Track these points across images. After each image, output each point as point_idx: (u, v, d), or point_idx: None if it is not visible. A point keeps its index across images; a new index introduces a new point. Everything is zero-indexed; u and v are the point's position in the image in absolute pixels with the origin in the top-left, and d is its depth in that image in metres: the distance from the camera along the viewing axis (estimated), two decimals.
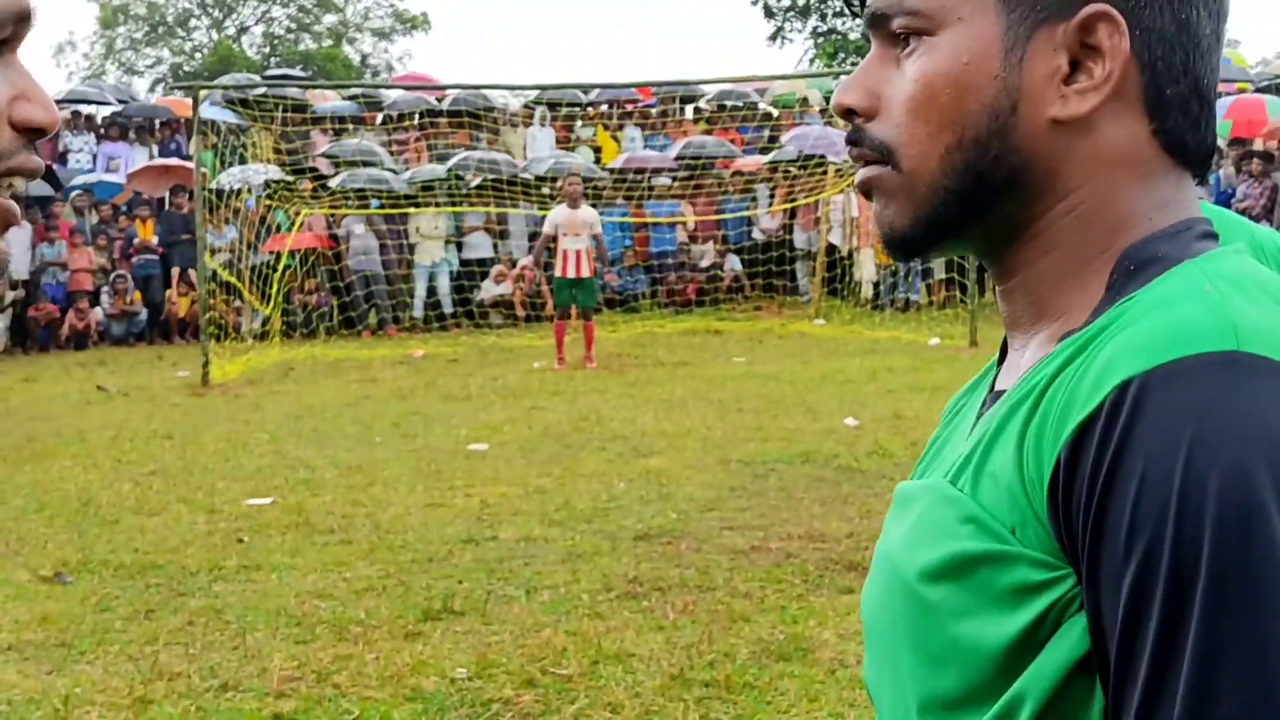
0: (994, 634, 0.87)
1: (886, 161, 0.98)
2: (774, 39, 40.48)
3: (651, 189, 20.65)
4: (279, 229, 18.59)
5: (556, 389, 12.63)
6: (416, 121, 22.15)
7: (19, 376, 15.13)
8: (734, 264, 20.83)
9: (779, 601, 5.47)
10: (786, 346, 16.08)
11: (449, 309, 19.51)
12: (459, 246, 20.01)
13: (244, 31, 49.15)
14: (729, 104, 23.15)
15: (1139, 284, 0.92)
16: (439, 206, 19.57)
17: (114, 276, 18.76)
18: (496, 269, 19.68)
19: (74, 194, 19.81)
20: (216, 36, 48.02)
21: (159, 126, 22.68)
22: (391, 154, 21.25)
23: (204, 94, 16.95)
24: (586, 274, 14.30)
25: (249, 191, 18.75)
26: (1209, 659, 0.78)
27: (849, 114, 1.01)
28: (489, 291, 19.57)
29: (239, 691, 4.65)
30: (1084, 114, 0.94)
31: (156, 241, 19.53)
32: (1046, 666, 0.86)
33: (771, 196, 20.78)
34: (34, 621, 5.49)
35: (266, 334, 17.33)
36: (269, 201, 18.53)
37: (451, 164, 20.08)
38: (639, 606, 5.48)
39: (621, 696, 4.46)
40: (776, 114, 22.75)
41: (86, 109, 22.73)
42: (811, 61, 39.42)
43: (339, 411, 11.52)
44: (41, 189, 19.28)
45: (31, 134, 0.89)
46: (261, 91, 20.96)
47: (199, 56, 46.79)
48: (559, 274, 14.34)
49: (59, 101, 22.62)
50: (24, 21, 0.89)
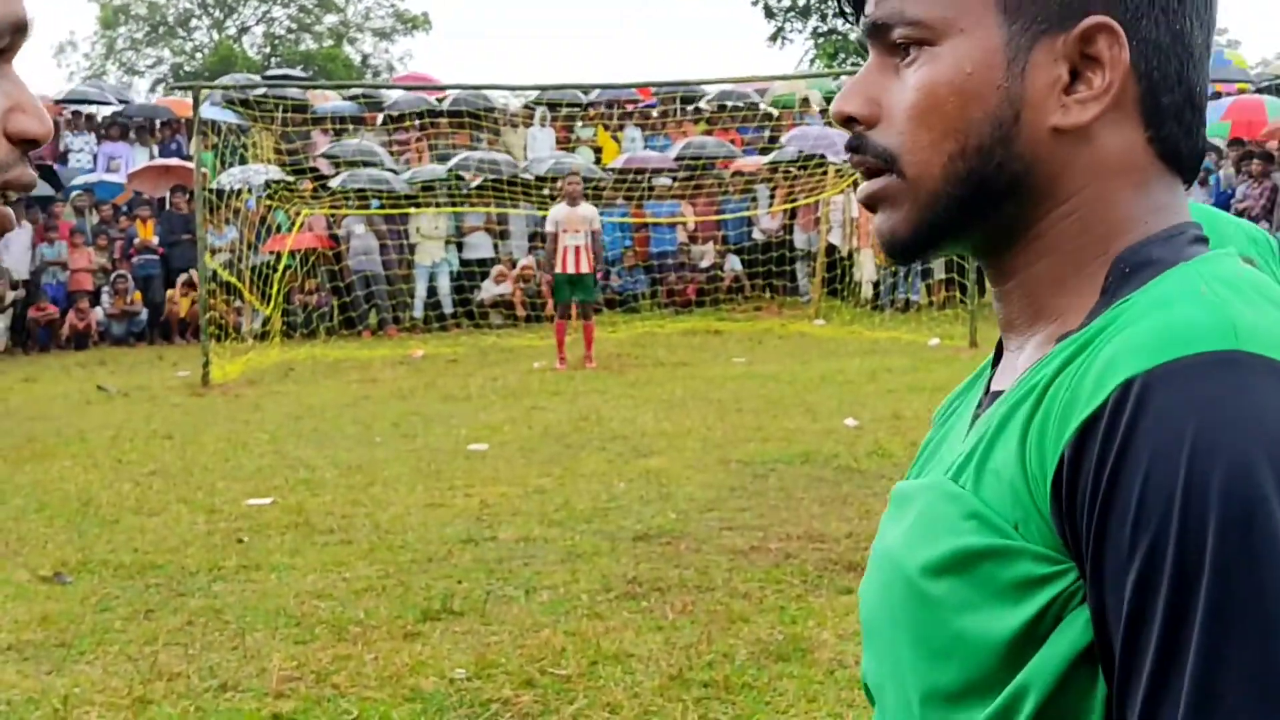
0: (997, 627, 0.89)
1: (890, 169, 0.99)
2: (774, 39, 40.56)
3: (652, 189, 20.65)
4: (279, 229, 18.58)
5: (556, 389, 12.64)
6: (417, 122, 22.15)
7: (19, 376, 15.14)
8: (734, 264, 20.84)
9: (778, 602, 5.47)
10: (786, 347, 16.08)
11: (449, 309, 19.51)
12: (459, 247, 20.01)
13: (245, 31, 49.20)
14: (729, 104, 23.16)
15: (1134, 286, 0.93)
16: (439, 207, 19.57)
17: (114, 276, 18.76)
18: (497, 269, 19.69)
19: (74, 194, 19.80)
20: (217, 36, 48.06)
21: (159, 126, 22.69)
22: (392, 154, 21.25)
23: (204, 94, 16.95)
24: (586, 270, 14.33)
25: (249, 192, 18.75)
26: (1213, 653, 0.79)
27: (849, 121, 1.01)
28: (489, 292, 19.57)
29: (238, 691, 4.66)
30: (1085, 123, 0.95)
31: (157, 241, 19.52)
32: (1049, 659, 0.87)
33: (771, 197, 20.78)
34: (33, 621, 5.49)
35: (267, 334, 17.33)
36: (269, 201, 18.53)
37: (452, 164, 20.08)
38: (638, 607, 5.48)
39: (620, 697, 4.46)
40: (777, 114, 22.75)
41: (87, 109, 22.71)
42: (812, 62, 39.46)
43: (339, 412, 11.52)
44: (42, 189, 19.29)
45: (25, 145, 0.90)
46: (262, 92, 20.96)
47: (200, 57, 46.81)
48: (559, 270, 14.37)
49: (59, 101, 22.64)
50: (20, 32, 0.89)
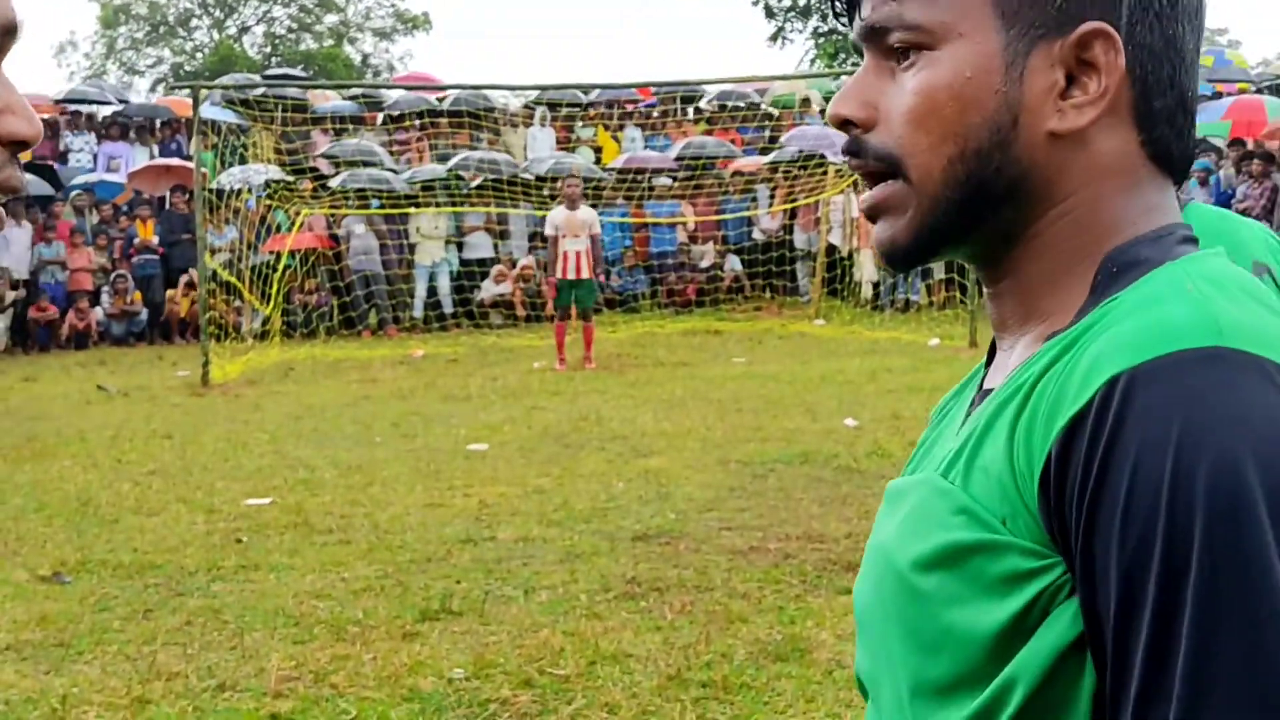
0: (985, 621, 0.90)
1: (893, 174, 1.00)
2: (775, 39, 40.58)
3: (652, 189, 20.64)
4: (279, 229, 18.58)
5: (556, 389, 12.64)
6: (417, 122, 22.14)
7: (19, 376, 15.14)
8: (734, 264, 20.83)
9: (777, 602, 5.47)
10: (786, 347, 16.08)
11: (449, 309, 19.49)
12: (459, 246, 20.00)
13: (245, 31, 49.19)
14: (729, 104, 23.16)
15: (1122, 285, 0.94)
16: (439, 206, 19.57)
17: (114, 276, 18.75)
18: (497, 269, 19.68)
19: (74, 194, 19.79)
20: (218, 36, 48.06)
21: (159, 126, 22.68)
22: (392, 154, 21.24)
23: (204, 94, 16.94)
24: (586, 274, 14.30)
25: (249, 191, 18.75)
26: (1203, 646, 0.80)
27: (845, 125, 1.02)
28: (489, 291, 19.57)
29: (236, 691, 4.66)
30: (1081, 127, 0.97)
31: (157, 241, 19.51)
32: (1037, 651, 0.88)
33: (772, 197, 20.77)
34: (32, 621, 5.49)
35: (266, 334, 17.33)
36: (269, 201, 18.53)
37: (452, 164, 20.07)
38: (637, 607, 5.48)
39: (618, 697, 4.46)
40: (777, 114, 22.75)
41: (87, 109, 22.71)
42: (812, 62, 39.46)
43: (339, 411, 11.52)
44: (42, 188, 19.30)
45: (14, 146, 0.89)
46: (261, 91, 20.95)
47: (200, 56, 46.80)
48: (559, 275, 14.33)
49: (59, 101, 22.64)
50: (10, 34, 0.89)
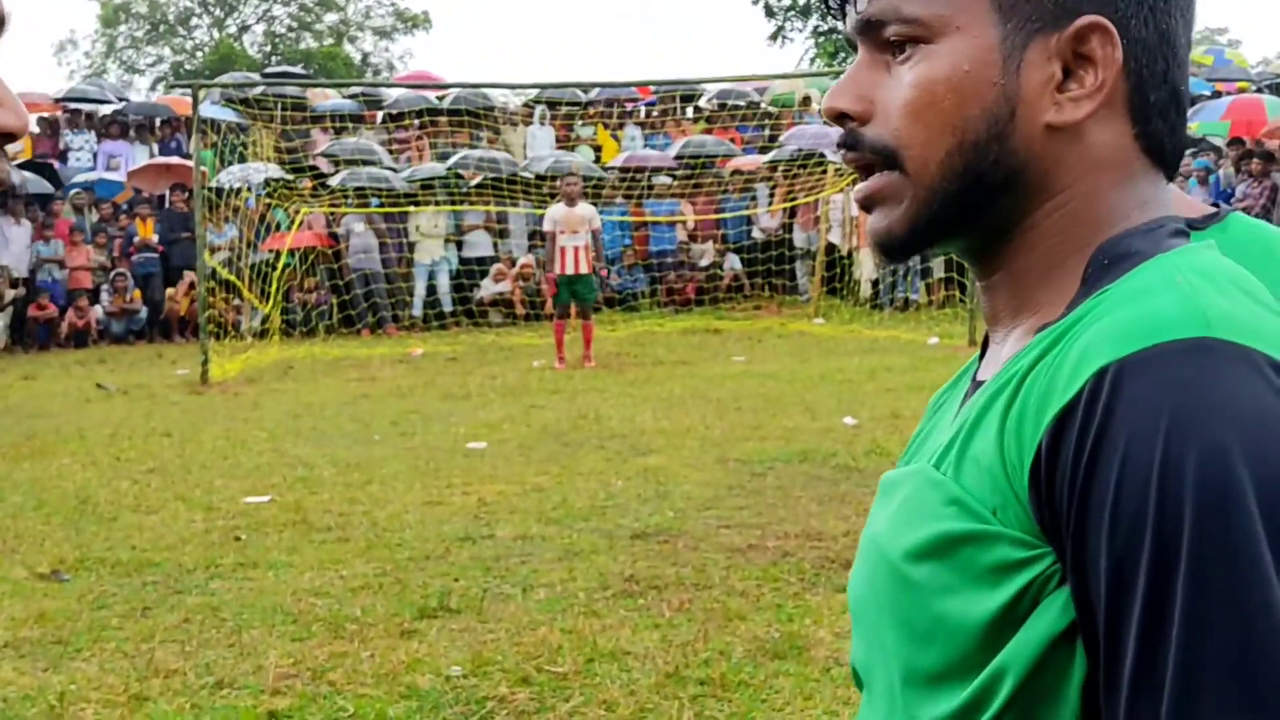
0: (976, 610, 0.90)
1: (890, 165, 1.00)
2: (774, 38, 40.57)
3: (651, 188, 20.64)
4: (278, 227, 18.59)
5: (555, 387, 12.63)
6: (416, 121, 22.14)
7: (18, 374, 15.14)
8: (733, 263, 20.83)
9: (775, 600, 5.47)
10: (785, 345, 16.08)
11: (448, 307, 19.49)
12: (459, 245, 20.00)
13: (245, 30, 49.20)
14: (729, 103, 23.16)
15: (1113, 278, 0.95)
16: (439, 205, 19.57)
17: (114, 274, 18.75)
18: (496, 267, 19.68)
19: (73, 192, 19.79)
20: (218, 35, 48.06)
21: (159, 125, 22.67)
22: (391, 153, 21.23)
23: (204, 92, 16.94)
24: (585, 270, 14.28)
25: (249, 190, 18.74)
26: (1195, 633, 0.81)
27: (841, 118, 1.02)
28: (488, 290, 19.57)
29: (234, 689, 4.66)
30: (1078, 120, 0.97)
31: (156, 240, 19.51)
32: (1027, 641, 0.88)
33: (771, 196, 20.78)
34: (30, 619, 5.49)
35: (266, 332, 17.34)
36: (269, 200, 18.53)
37: (451, 162, 20.07)
38: (635, 605, 5.48)
39: (616, 694, 4.46)
40: (776, 113, 22.75)
41: (87, 107, 22.69)
42: (812, 61, 39.46)
43: (338, 410, 11.52)
44: (42, 187, 19.30)
45: (2, 139, 0.89)
46: (261, 90, 20.94)
47: (200, 55, 46.81)
48: (558, 271, 14.31)
49: (59, 100, 22.63)
50: None
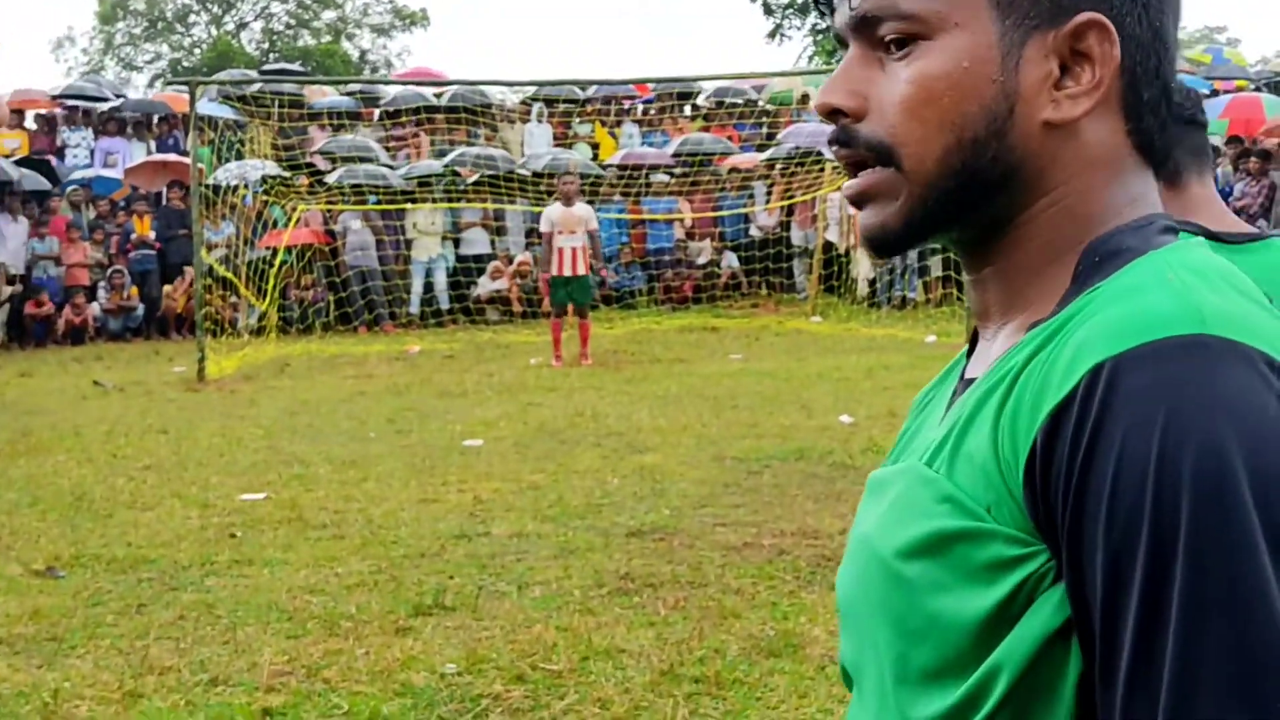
0: (970, 608, 0.90)
1: (884, 162, 0.99)
2: (773, 36, 40.58)
3: (649, 185, 20.63)
4: (275, 224, 18.57)
5: (552, 385, 12.63)
6: (413, 118, 22.12)
7: (15, 371, 15.13)
8: (731, 261, 20.82)
9: (770, 598, 5.47)
10: (783, 343, 16.08)
11: (445, 305, 19.48)
12: (456, 242, 19.98)
13: (243, 27, 49.18)
14: (727, 101, 23.15)
15: (1104, 274, 0.95)
16: (436, 202, 19.56)
17: (111, 272, 18.74)
18: (493, 265, 19.67)
19: (70, 189, 19.77)
20: (216, 32, 48.04)
21: (157, 122, 22.63)
22: (389, 150, 21.21)
23: (201, 89, 16.93)
24: (582, 271, 14.26)
25: (246, 187, 18.72)
26: (1191, 630, 0.81)
27: (834, 114, 1.01)
28: (485, 287, 19.56)
29: (229, 686, 4.65)
30: (1076, 118, 0.97)
31: (154, 237, 19.49)
32: (1021, 639, 0.88)
33: (769, 194, 20.77)
34: (25, 615, 5.49)
35: (263, 330, 17.34)
36: (266, 197, 18.52)
37: (449, 160, 20.06)
38: (630, 602, 5.48)
39: (611, 692, 4.46)
40: (774, 111, 22.74)
41: (84, 104, 22.65)
42: (810, 59, 39.44)
43: (334, 407, 11.52)
44: (39, 184, 19.28)
45: None
46: (258, 87, 20.92)
47: (198, 52, 46.78)
48: (555, 272, 14.28)
49: (57, 97, 22.60)
50: None
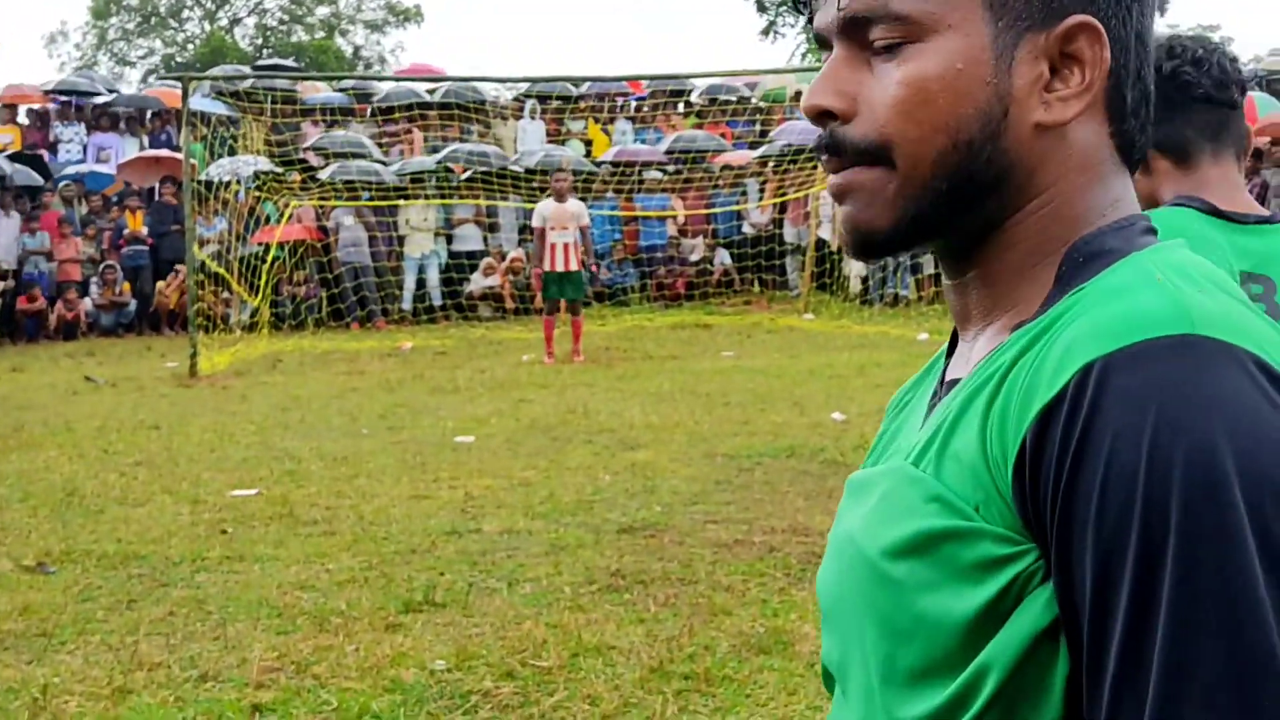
0: (959, 608, 0.90)
1: (874, 162, 0.98)
2: (766, 33, 40.59)
3: (642, 182, 20.63)
4: (268, 220, 18.56)
5: (544, 382, 12.63)
6: (406, 114, 22.09)
7: (7, 366, 15.10)
8: (724, 258, 20.83)
9: (760, 595, 5.47)
10: (775, 341, 16.09)
11: (438, 301, 19.46)
12: (448, 239, 19.96)
13: (237, 23, 49.10)
14: (720, 98, 23.14)
15: (1088, 275, 0.95)
16: (428, 199, 19.54)
17: (103, 267, 18.72)
18: (486, 261, 19.66)
19: (63, 184, 19.74)
20: (209, 28, 47.95)
21: (150, 117, 22.59)
22: (381, 146, 21.17)
23: (194, 85, 16.90)
24: (575, 267, 14.27)
25: (238, 183, 18.69)
26: (1181, 627, 0.81)
27: (823, 116, 1.00)
28: (478, 284, 19.54)
29: (219, 682, 4.65)
30: (1067, 120, 0.97)
31: (146, 232, 19.47)
32: (1011, 638, 0.88)
33: (761, 191, 20.77)
34: (15, 611, 5.48)
35: (255, 325, 17.31)
36: (258, 193, 18.49)
37: (441, 156, 20.04)
38: (620, 599, 5.48)
39: (601, 689, 4.46)
40: (767, 108, 22.74)
41: (77, 99, 22.60)
42: (803, 56, 39.40)
43: (326, 403, 11.51)
44: (31, 179, 19.24)
45: None
46: (251, 83, 20.88)
47: (191, 48, 46.69)
48: (547, 268, 14.28)
49: (49, 92, 22.55)
50: None
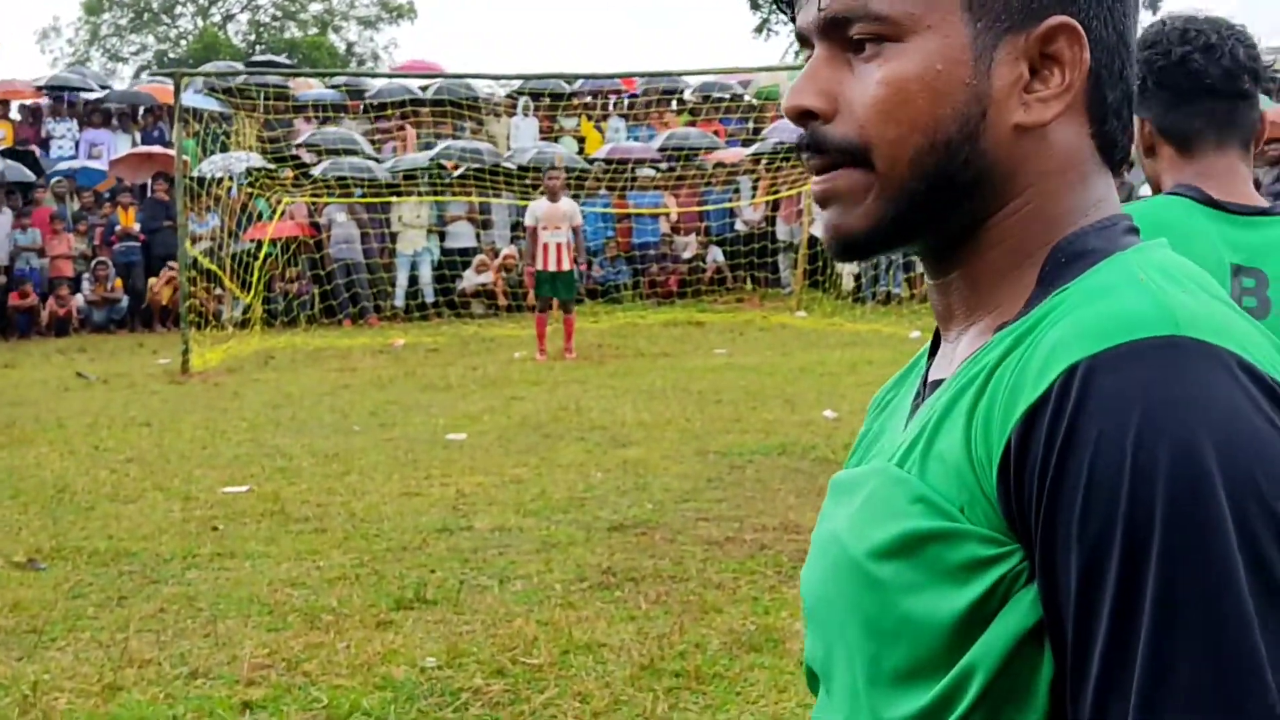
0: (944, 608, 0.90)
1: (854, 163, 0.98)
2: (759, 31, 40.58)
3: (634, 180, 20.62)
4: (260, 217, 18.53)
5: (536, 379, 12.63)
6: (398, 111, 22.06)
7: None
8: (716, 256, 20.83)
9: (751, 593, 5.48)
10: (767, 338, 16.10)
11: (430, 298, 19.45)
12: (441, 236, 19.94)
13: (230, 19, 49.03)
14: (713, 96, 23.14)
15: (1071, 276, 0.95)
16: (421, 195, 19.52)
17: (95, 263, 18.68)
18: (478, 258, 19.64)
19: (55, 180, 19.70)
20: (202, 24, 47.87)
21: (142, 113, 22.55)
22: (374, 143, 21.15)
23: (186, 81, 16.87)
24: (567, 266, 14.26)
25: (231, 179, 18.66)
26: (1165, 628, 0.81)
27: (804, 116, 1.00)
28: (471, 281, 19.53)
29: (209, 679, 4.65)
30: (1047, 121, 0.97)
31: (138, 228, 19.43)
32: (996, 638, 0.88)
33: (754, 188, 20.77)
34: (5, 607, 5.48)
35: (247, 322, 17.30)
36: (251, 189, 18.46)
37: (434, 153, 20.02)
38: (611, 597, 5.49)
39: (591, 686, 4.47)
40: (760, 106, 22.74)
41: (69, 95, 22.54)
42: (797, 54, 39.40)
43: (317, 400, 11.50)
44: (23, 175, 19.20)
45: None
46: (244, 79, 20.85)
47: (184, 44, 46.62)
48: (540, 267, 14.28)
49: (41, 87, 22.49)
50: None
